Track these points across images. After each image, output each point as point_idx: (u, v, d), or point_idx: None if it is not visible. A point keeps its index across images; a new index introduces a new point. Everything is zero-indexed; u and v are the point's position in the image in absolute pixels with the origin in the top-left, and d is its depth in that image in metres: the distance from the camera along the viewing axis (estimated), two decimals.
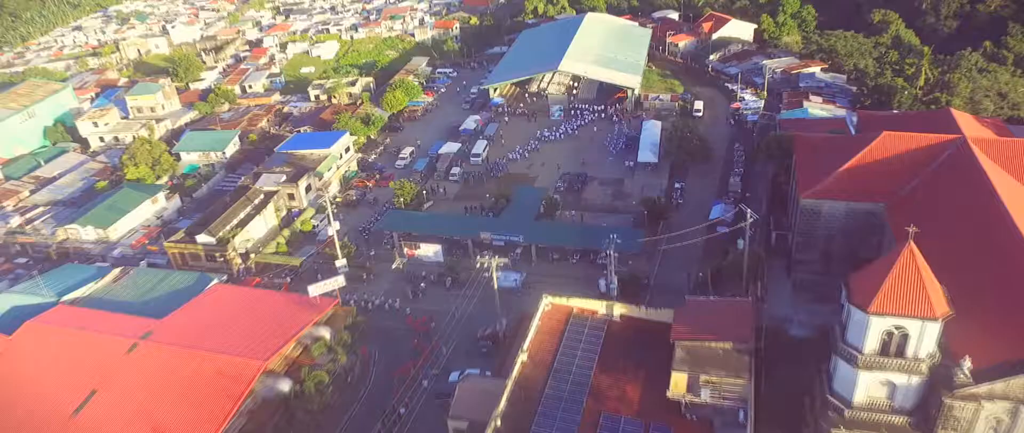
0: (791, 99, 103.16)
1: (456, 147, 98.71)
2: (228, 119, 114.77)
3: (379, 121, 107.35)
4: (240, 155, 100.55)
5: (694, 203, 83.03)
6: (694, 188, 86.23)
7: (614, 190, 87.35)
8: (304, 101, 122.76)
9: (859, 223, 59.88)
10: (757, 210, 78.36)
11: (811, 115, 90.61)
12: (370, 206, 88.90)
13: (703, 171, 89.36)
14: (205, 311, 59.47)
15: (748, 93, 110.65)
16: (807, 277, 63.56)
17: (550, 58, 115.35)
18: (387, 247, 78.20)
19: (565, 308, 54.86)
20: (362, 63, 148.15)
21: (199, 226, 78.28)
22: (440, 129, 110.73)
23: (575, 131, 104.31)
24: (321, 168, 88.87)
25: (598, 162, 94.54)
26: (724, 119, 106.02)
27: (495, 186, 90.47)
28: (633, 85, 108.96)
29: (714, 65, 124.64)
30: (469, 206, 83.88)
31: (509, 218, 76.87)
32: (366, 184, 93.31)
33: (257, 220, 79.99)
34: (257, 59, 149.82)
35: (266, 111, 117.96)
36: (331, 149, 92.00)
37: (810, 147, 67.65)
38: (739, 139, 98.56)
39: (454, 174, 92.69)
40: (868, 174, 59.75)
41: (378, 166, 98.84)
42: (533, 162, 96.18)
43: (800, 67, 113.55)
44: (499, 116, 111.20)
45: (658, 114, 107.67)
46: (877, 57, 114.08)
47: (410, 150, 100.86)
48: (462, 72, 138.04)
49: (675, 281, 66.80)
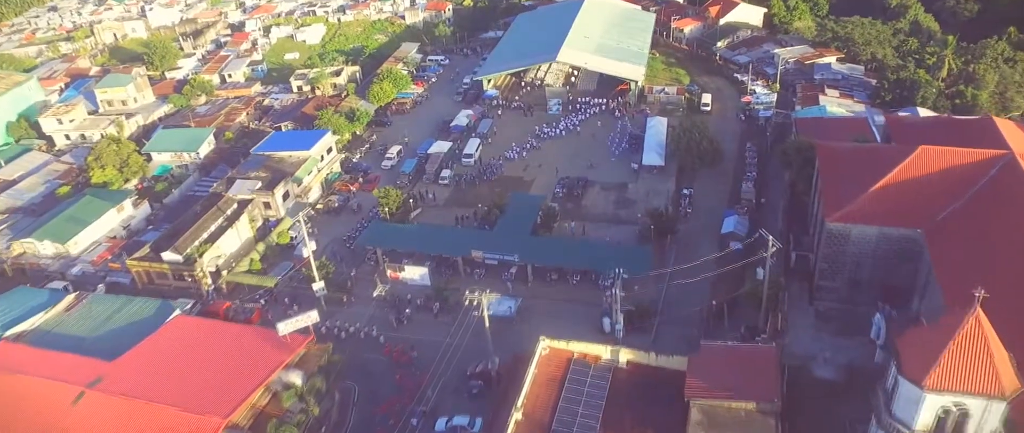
0: (806, 93, 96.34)
1: (446, 146, 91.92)
2: (204, 113, 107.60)
3: (365, 116, 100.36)
4: (215, 155, 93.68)
5: (704, 212, 76.75)
6: (703, 194, 79.84)
7: (617, 196, 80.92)
8: (286, 92, 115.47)
9: (892, 250, 53.70)
10: (773, 223, 72.40)
11: (829, 114, 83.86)
12: (353, 213, 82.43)
13: (713, 174, 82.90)
14: (164, 350, 53.35)
15: (759, 85, 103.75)
16: (832, 305, 57.56)
17: (547, 47, 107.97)
18: (370, 263, 72.02)
19: (565, 353, 48.90)
20: (349, 49, 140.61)
21: (165, 241, 71.90)
22: (430, 124, 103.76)
23: (576, 127, 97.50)
24: (300, 173, 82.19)
25: (600, 163, 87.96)
26: (734, 114, 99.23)
27: (488, 190, 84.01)
28: (637, 77, 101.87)
29: (722, 53, 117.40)
30: (460, 215, 77.48)
31: (503, 231, 70.53)
32: (349, 188, 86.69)
33: (229, 233, 73.55)
34: (238, 45, 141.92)
35: (245, 104, 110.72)
36: (311, 151, 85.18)
37: (835, 158, 61.13)
38: (751, 137, 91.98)
39: (444, 177, 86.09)
40: (903, 195, 53.42)
41: (363, 167, 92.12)
42: (529, 163, 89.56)
43: (814, 57, 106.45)
44: (493, 110, 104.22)
45: (663, 108, 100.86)
46: (896, 45, 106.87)
47: (397, 149, 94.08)
48: (454, 59, 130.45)
49: (685, 308, 60.69)
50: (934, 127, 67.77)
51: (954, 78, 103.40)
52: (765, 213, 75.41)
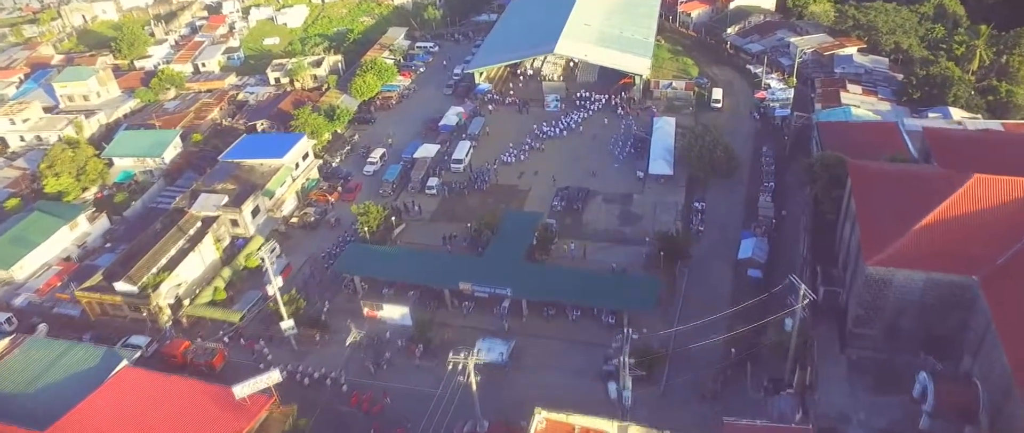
0: (826, 89, 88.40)
1: (434, 150, 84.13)
2: (173, 110, 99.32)
3: (346, 114, 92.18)
4: (182, 160, 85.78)
5: (717, 229, 69.58)
6: (716, 208, 72.54)
7: (621, 210, 73.54)
8: (262, 85, 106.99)
9: (941, 297, 46.66)
10: (795, 247, 65.34)
11: (855, 117, 76.10)
12: (331, 229, 75.03)
13: (726, 183, 75.45)
14: (105, 414, 46.45)
15: (774, 78, 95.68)
16: (866, 354, 50.67)
17: (544, 37, 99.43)
18: (348, 289, 64.92)
19: (565, 427, 42.00)
20: (333, 32, 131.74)
21: (120, 267, 64.53)
22: (417, 121, 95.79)
23: (577, 125, 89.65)
24: (272, 185, 74.47)
25: (601, 170, 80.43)
26: (747, 111, 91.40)
27: (480, 202, 76.64)
28: (642, 70, 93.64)
29: (732, 40, 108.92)
30: (448, 235, 70.08)
31: (495, 257, 63.28)
32: (327, 198, 79.13)
33: (191, 257, 66.20)
34: (214, 29, 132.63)
35: (218, 99, 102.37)
36: (285, 158, 77.33)
37: (871, 181, 53.65)
38: (766, 139, 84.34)
39: (431, 186, 78.51)
40: (955, 234, 46.19)
41: (343, 173, 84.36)
42: (525, 169, 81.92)
43: (834, 47, 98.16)
44: (485, 106, 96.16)
45: (670, 104, 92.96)
46: (922, 35, 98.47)
47: (381, 153, 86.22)
48: (444, 46, 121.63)
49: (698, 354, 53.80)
50: (982, 143, 60.10)
51: (985, 71, 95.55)
52: (785, 232, 68.30)
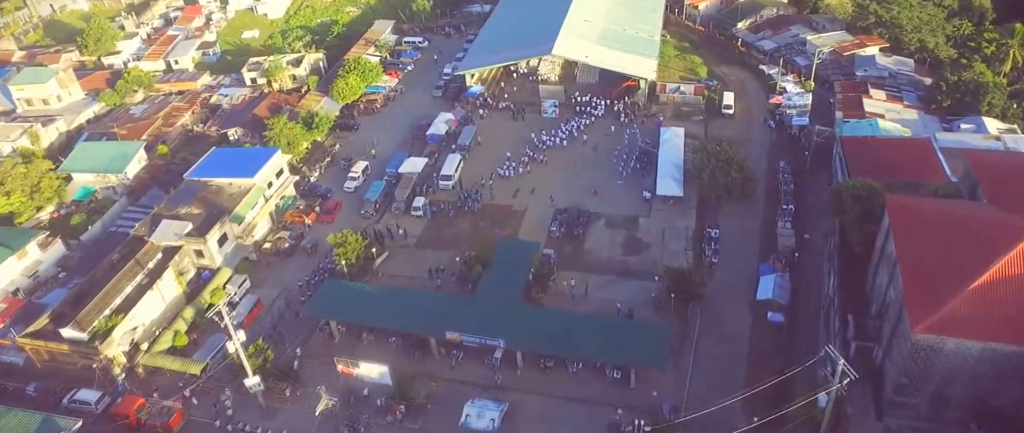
0: (846, 94, 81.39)
1: (421, 164, 77.17)
2: (140, 115, 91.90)
3: (325, 121, 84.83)
4: (146, 175, 78.74)
5: (732, 260, 63.16)
6: (731, 234, 66.00)
7: (626, 236, 66.93)
8: (237, 86, 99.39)
9: (998, 367, 40.44)
10: (820, 285, 58.97)
11: (882, 132, 69.19)
12: (308, 255, 68.41)
13: (741, 204, 68.78)
14: None
15: (790, 81, 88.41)
16: (907, 423, 44.65)
17: (541, 35, 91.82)
18: (323, 333, 58.57)
19: None
20: (316, 24, 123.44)
21: (69, 307, 58.08)
22: (404, 127, 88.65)
23: (579, 133, 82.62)
24: (241, 209, 67.59)
25: (604, 186, 73.71)
26: (761, 118, 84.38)
27: (471, 225, 70.04)
28: (647, 73, 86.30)
29: (744, 37, 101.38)
30: (435, 268, 63.53)
31: (487, 297, 56.81)
32: (303, 220, 72.38)
33: (150, 295, 59.64)
34: (190, 21, 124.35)
35: (189, 102, 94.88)
36: (256, 178, 70.32)
37: (913, 224, 46.95)
38: (783, 151, 77.52)
39: (417, 207, 71.71)
40: (1016, 295, 39.82)
41: (321, 190, 77.39)
42: (521, 185, 75.13)
43: (854, 47, 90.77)
44: (476, 111, 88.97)
45: (678, 110, 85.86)
46: (949, 33, 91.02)
47: (363, 166, 79.19)
48: (434, 41, 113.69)
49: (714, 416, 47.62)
50: None
51: (1018, 72, 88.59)
52: (808, 263, 61.85)
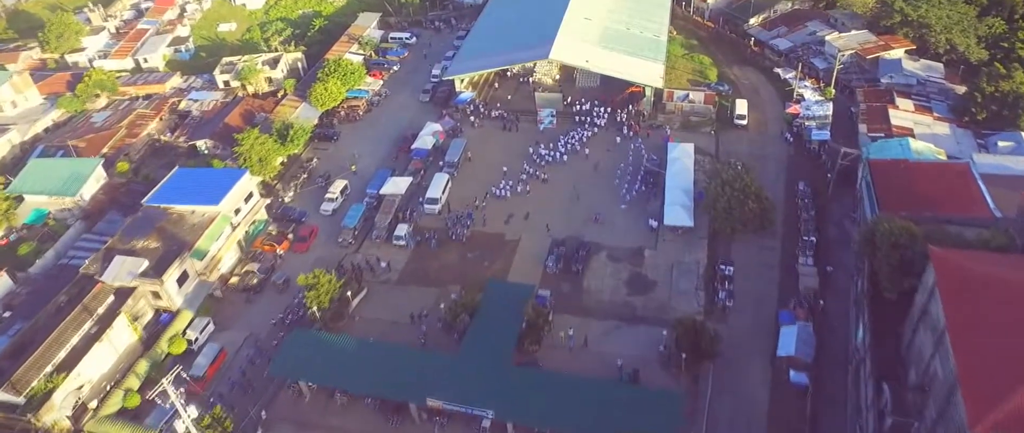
0: (870, 105, 74.51)
1: (405, 185, 70.36)
2: (102, 123, 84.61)
3: (302, 133, 77.56)
4: (105, 196, 71.79)
5: (749, 304, 56.89)
6: (746, 270, 59.63)
7: (630, 272, 60.44)
8: (209, 89, 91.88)
9: None
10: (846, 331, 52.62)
11: (913, 154, 62.25)
12: (280, 292, 61.89)
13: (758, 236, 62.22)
14: None
15: (808, 87, 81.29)
16: None
17: (536, 36, 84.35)
18: (291, 392, 52.29)
19: None
20: (297, 16, 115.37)
21: (7, 361, 51.61)
22: (388, 137, 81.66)
23: (580, 145, 75.69)
24: (203, 242, 60.77)
25: (607, 211, 67.21)
26: (777, 130, 77.54)
27: (458, 256, 63.53)
28: (653, 80, 79.02)
29: (756, 34, 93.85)
30: (418, 313, 57.12)
31: (474, 353, 50.50)
32: (275, 249, 65.74)
33: (100, 347, 53.22)
34: (162, 12, 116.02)
35: (156, 108, 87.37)
36: (221, 204, 63.41)
37: (967, 291, 40.28)
38: (801, 168, 70.87)
39: (400, 236, 65.06)
40: None
41: (296, 213, 70.54)
42: (515, 209, 68.47)
43: (878, 49, 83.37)
44: (467, 118, 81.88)
45: (686, 119, 78.81)
46: (982, 33, 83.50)
47: (342, 186, 72.29)
48: (423, 36, 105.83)
49: None
50: None
51: None
52: (833, 305, 55.53)
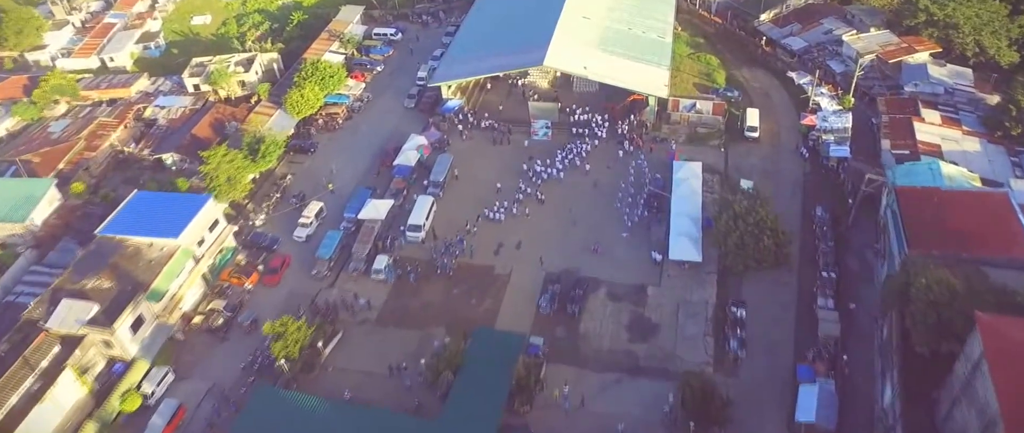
0: (892, 116, 68.40)
1: (386, 209, 64.37)
2: (60, 133, 78.14)
3: (275, 147, 71.06)
4: (58, 221, 65.62)
5: (762, 354, 51.45)
6: (759, 312, 54.07)
7: (632, 314, 54.85)
8: (178, 93, 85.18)
9: None
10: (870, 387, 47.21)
11: (945, 179, 56.24)
12: (248, 333, 56.21)
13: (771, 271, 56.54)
14: None
15: (825, 95, 74.87)
16: None
17: (530, 38, 77.48)
18: None
19: None
20: (276, 8, 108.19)
21: None
22: (369, 149, 75.49)
23: (580, 159, 69.61)
24: (161, 282, 54.89)
25: (606, 239, 61.42)
26: (790, 142, 71.59)
27: (443, 292, 57.89)
28: (658, 90, 72.52)
29: (768, 32, 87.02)
30: (397, 365, 51.60)
31: (459, 418, 45.12)
32: (242, 283, 59.96)
33: (42, 408, 47.73)
34: (131, 4, 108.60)
35: (119, 116, 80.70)
36: (181, 237, 57.39)
37: (1021, 359, 35.04)
38: (819, 190, 64.91)
39: (379, 270, 59.22)
40: None
41: (266, 241, 64.52)
42: (506, 237, 62.65)
43: (901, 52, 76.79)
44: (455, 128, 75.58)
45: (693, 132, 72.55)
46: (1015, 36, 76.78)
47: (317, 208, 66.24)
48: (409, 31, 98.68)
49: None
50: None
51: None
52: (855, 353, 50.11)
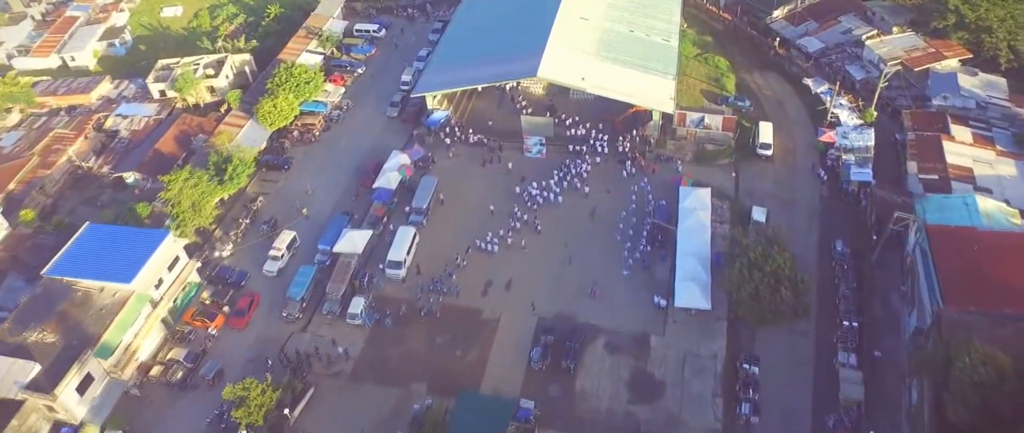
0: (919, 134, 62.48)
1: (363, 241, 58.61)
2: (11, 147, 71.94)
3: (244, 169, 64.75)
4: (4, 253, 59.94)
5: (777, 420, 46.55)
6: (774, 373, 48.85)
7: (633, 369, 49.67)
8: (142, 99, 78.58)
9: None
10: None
11: (984, 219, 50.53)
12: (211, 387, 50.88)
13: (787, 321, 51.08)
14: None
15: (844, 106, 68.62)
16: None
17: (522, 44, 70.57)
18: None
19: None
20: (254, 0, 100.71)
21: None
22: (348, 166, 69.38)
23: (580, 181, 63.64)
24: (111, 335, 49.32)
25: (605, 279, 55.85)
26: (805, 161, 65.66)
27: (425, 339, 52.61)
28: (662, 103, 66.13)
29: (781, 31, 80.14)
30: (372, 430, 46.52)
31: None
32: (206, 326, 54.49)
33: None
34: None
35: (78, 127, 74.27)
36: (133, 282, 51.55)
37: None
38: (838, 219, 59.21)
39: (355, 315, 53.72)
40: None
41: (234, 276, 58.81)
42: (496, 272, 57.09)
43: (928, 59, 70.26)
44: (442, 141, 69.39)
45: (701, 149, 66.35)
46: None
47: (289, 239, 60.37)
48: (394, 25, 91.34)
49: None
50: None
51: None
52: (880, 411, 45.16)
